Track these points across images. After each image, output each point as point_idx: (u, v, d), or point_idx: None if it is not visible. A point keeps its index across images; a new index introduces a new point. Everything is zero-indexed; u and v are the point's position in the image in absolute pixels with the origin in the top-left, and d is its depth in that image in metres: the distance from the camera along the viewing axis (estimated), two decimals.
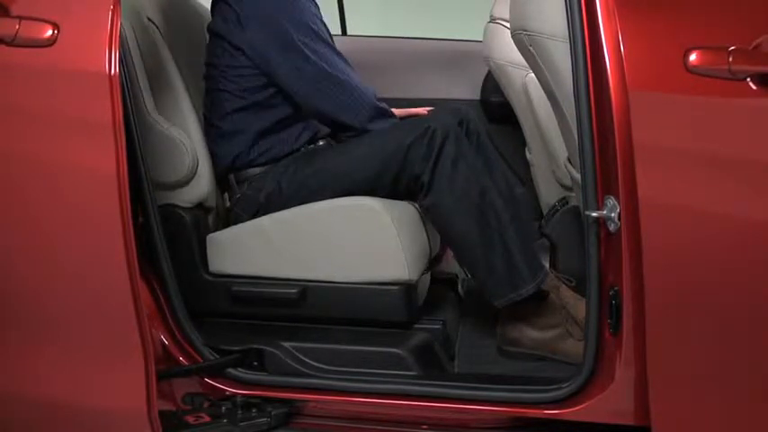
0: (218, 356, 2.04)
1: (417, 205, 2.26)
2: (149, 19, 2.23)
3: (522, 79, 2.67)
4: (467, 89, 2.94)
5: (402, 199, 2.24)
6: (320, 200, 2.19)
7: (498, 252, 2.13)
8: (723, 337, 1.68)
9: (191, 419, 1.92)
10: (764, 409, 1.70)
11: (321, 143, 2.37)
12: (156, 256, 2.00)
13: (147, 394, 1.79)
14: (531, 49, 2.02)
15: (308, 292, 2.16)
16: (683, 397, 1.71)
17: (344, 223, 2.15)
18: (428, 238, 2.29)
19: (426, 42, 3.43)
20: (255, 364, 2.06)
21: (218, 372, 2.02)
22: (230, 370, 2.02)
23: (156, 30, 2.24)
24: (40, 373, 1.84)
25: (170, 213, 2.20)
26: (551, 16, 1.91)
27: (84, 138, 1.73)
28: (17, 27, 1.73)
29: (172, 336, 2.03)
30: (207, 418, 1.93)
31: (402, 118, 2.44)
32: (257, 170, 2.31)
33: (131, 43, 2.15)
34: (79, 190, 1.75)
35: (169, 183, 2.19)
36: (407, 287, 2.16)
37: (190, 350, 2.04)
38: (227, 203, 2.39)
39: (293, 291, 2.16)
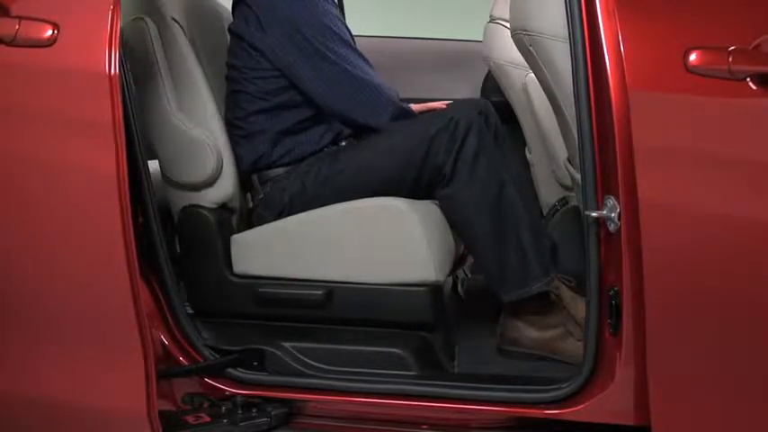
0: (218, 356, 2.03)
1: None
2: (174, 19, 2.22)
3: (522, 79, 2.67)
4: (467, 89, 2.95)
5: (424, 193, 2.21)
6: (345, 198, 2.17)
7: (512, 247, 2.13)
8: (723, 336, 1.68)
9: (191, 419, 1.92)
10: (764, 408, 1.70)
11: (344, 143, 2.35)
12: (156, 256, 2.00)
13: (146, 394, 1.79)
14: (531, 49, 2.02)
15: (334, 293, 2.14)
16: (683, 397, 1.71)
17: (371, 224, 2.13)
18: (454, 239, 2.28)
19: (426, 42, 3.43)
20: (255, 364, 2.06)
21: (218, 372, 2.02)
22: (230, 370, 2.02)
23: (181, 30, 2.22)
24: (40, 373, 1.84)
25: (194, 214, 2.19)
26: (551, 16, 1.91)
27: (84, 138, 1.73)
28: (17, 27, 1.73)
29: (172, 336, 2.03)
30: (207, 418, 1.93)
31: (420, 113, 2.44)
32: (280, 170, 2.29)
33: (156, 44, 2.15)
34: (79, 190, 1.75)
35: (194, 183, 2.19)
36: (435, 288, 2.14)
37: (190, 350, 2.03)
38: (250, 204, 2.37)
39: (319, 292, 2.14)
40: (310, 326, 2.18)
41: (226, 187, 2.22)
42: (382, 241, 2.13)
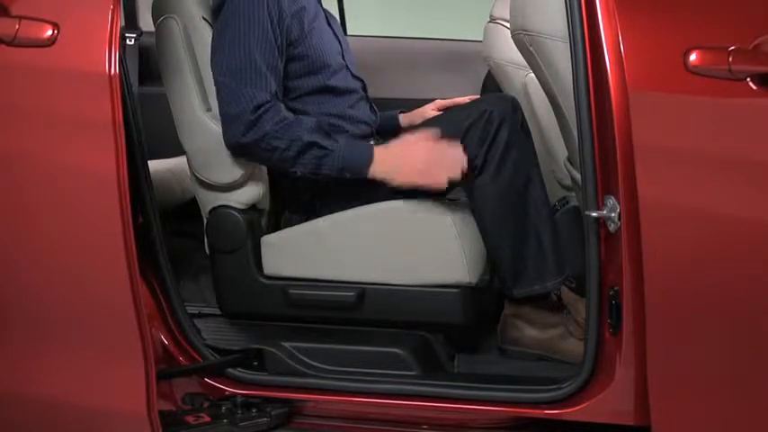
0: (218, 356, 2.04)
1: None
2: (204, 19, 2.21)
3: (522, 79, 2.67)
4: (467, 89, 2.94)
5: (456, 186, 2.19)
6: (376, 195, 2.15)
7: (532, 243, 2.12)
8: (723, 336, 1.68)
9: (191, 419, 1.92)
10: (764, 408, 1.70)
11: (372, 142, 2.31)
12: (156, 256, 2.00)
13: (147, 394, 1.80)
14: (531, 49, 2.02)
15: (365, 295, 2.14)
16: (683, 397, 1.71)
17: (404, 225, 2.12)
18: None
19: (426, 42, 3.43)
20: (255, 364, 2.06)
21: (218, 372, 2.02)
22: (230, 370, 2.02)
23: (211, 29, 2.22)
24: (40, 372, 1.84)
25: (224, 215, 2.19)
26: (551, 16, 1.91)
27: (84, 138, 1.73)
28: (17, 27, 1.73)
29: (172, 336, 2.03)
30: (207, 418, 1.93)
31: (446, 108, 2.42)
32: None
33: (185, 43, 2.14)
34: (79, 190, 1.75)
35: (225, 184, 2.17)
36: (468, 290, 2.12)
37: (190, 350, 2.03)
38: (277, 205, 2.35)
39: (351, 294, 2.13)
40: (310, 326, 2.18)
41: (257, 187, 2.21)
42: (415, 243, 2.12)
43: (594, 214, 1.75)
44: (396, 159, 2.09)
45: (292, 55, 2.21)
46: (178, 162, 2.66)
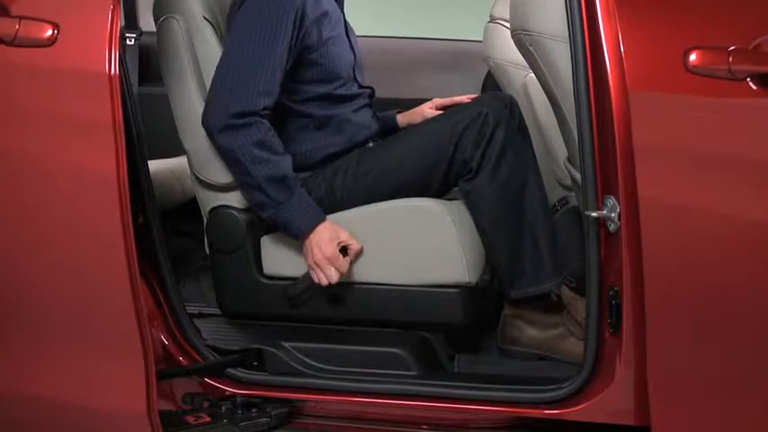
0: (218, 356, 2.04)
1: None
2: (205, 18, 2.21)
3: (522, 79, 2.67)
4: (467, 89, 2.94)
5: (451, 186, 2.20)
6: (376, 198, 2.16)
7: (528, 245, 2.12)
8: (723, 336, 1.68)
9: (191, 419, 1.92)
10: (764, 409, 1.71)
11: (370, 144, 2.32)
12: (155, 256, 2.00)
13: (147, 394, 1.79)
14: (531, 49, 2.02)
15: (365, 294, 2.13)
16: (683, 397, 1.71)
17: (404, 225, 2.12)
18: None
19: (426, 42, 3.43)
20: (255, 364, 2.06)
21: (218, 372, 2.02)
22: (230, 370, 2.02)
23: (212, 29, 2.22)
24: (40, 373, 1.84)
25: (224, 214, 2.19)
26: (551, 16, 1.91)
27: (84, 138, 1.73)
28: (17, 27, 1.73)
29: (172, 336, 2.03)
30: (207, 418, 1.93)
31: (445, 107, 2.43)
32: (308, 173, 2.24)
33: (187, 43, 2.14)
34: (79, 190, 1.75)
35: (225, 184, 2.17)
36: (467, 290, 2.13)
37: (190, 350, 2.04)
38: None
39: (350, 294, 2.13)
40: (310, 326, 2.18)
41: None
42: (415, 242, 2.12)
43: (594, 214, 1.75)
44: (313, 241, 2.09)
45: (306, 60, 2.18)
46: (178, 162, 2.67)
